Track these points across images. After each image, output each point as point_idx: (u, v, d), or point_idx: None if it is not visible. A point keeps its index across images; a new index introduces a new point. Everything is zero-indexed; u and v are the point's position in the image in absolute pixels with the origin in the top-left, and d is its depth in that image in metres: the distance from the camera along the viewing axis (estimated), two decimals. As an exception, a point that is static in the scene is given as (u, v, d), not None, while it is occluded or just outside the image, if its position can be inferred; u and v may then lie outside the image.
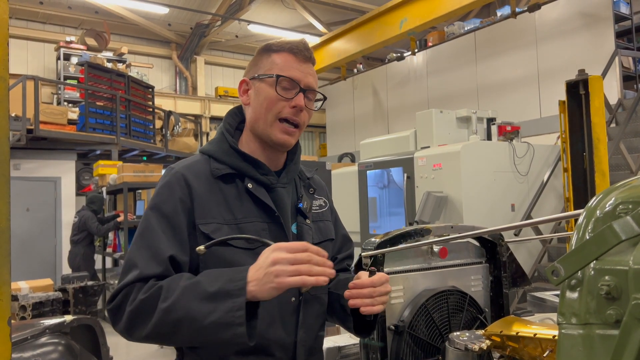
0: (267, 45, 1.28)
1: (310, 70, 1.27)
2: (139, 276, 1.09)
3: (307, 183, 1.38)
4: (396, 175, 6.28)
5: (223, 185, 1.21)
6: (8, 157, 0.80)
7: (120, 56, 11.61)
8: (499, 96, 8.93)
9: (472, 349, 1.25)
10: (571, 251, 0.72)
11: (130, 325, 1.08)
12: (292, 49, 1.24)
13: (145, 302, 1.06)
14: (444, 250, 1.62)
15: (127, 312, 1.07)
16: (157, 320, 1.04)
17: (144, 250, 1.13)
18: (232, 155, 1.24)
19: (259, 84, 1.25)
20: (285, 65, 1.23)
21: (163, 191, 1.18)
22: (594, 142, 4.41)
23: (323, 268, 1.04)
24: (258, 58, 1.28)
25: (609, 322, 0.67)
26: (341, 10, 12.55)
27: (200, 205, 1.17)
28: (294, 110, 1.22)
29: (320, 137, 14.99)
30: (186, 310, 1.02)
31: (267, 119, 1.23)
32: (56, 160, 9.30)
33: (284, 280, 1.00)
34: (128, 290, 1.09)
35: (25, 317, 4.11)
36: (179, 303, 1.03)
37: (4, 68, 0.78)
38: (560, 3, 8.04)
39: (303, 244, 1.05)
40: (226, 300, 1.01)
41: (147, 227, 1.15)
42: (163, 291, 1.05)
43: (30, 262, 8.38)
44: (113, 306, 1.11)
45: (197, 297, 1.03)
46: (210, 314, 1.01)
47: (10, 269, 0.79)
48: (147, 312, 1.05)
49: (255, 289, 1.02)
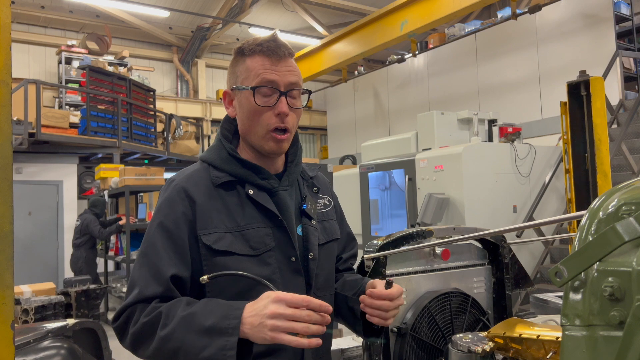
0: (240, 48, 1.23)
1: (288, 66, 1.21)
2: (139, 297, 1.12)
3: (311, 182, 1.36)
4: (398, 177, 6.27)
5: (224, 193, 1.20)
6: (11, 160, 0.80)
7: (122, 60, 11.63)
8: (500, 98, 8.93)
9: (475, 351, 1.24)
10: (574, 253, 0.72)
11: (135, 346, 1.13)
12: (263, 51, 1.19)
13: (145, 325, 1.09)
14: (446, 252, 1.62)
15: (131, 333, 1.11)
16: (156, 346, 1.08)
17: (145, 270, 1.14)
18: (231, 162, 1.22)
19: (240, 94, 1.22)
20: (259, 70, 1.18)
21: (164, 206, 1.18)
22: (595, 143, 4.40)
23: (316, 327, 1.01)
24: (234, 64, 1.25)
25: (613, 324, 0.66)
26: (342, 13, 12.57)
27: (202, 216, 1.16)
28: (279, 117, 1.19)
29: (322, 139, 14.99)
30: (182, 342, 1.05)
31: (256, 132, 1.21)
32: (58, 164, 9.31)
33: (277, 336, 0.99)
34: (130, 312, 1.13)
35: (27, 321, 4.11)
36: (176, 333, 1.05)
37: (6, 72, 0.79)
38: (561, 4, 8.04)
39: (305, 298, 1.01)
40: (220, 338, 1.02)
41: (149, 245, 1.16)
42: (162, 317, 1.08)
43: (32, 266, 8.39)
44: (118, 325, 1.15)
45: (192, 330, 1.04)
46: (204, 348, 1.02)
47: (13, 273, 0.79)
48: (148, 336, 1.09)
49: (249, 332, 1.02)
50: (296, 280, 1.20)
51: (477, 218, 5.22)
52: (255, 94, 1.18)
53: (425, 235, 1.56)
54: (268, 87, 1.18)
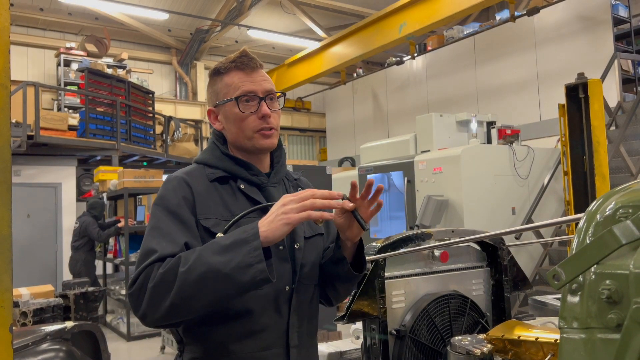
0: (215, 69, 1.37)
1: (261, 76, 1.36)
2: (159, 257, 1.16)
3: (295, 183, 1.49)
4: (396, 179, 6.28)
5: (219, 187, 1.32)
6: (9, 163, 0.80)
7: (121, 62, 11.63)
8: (499, 100, 8.95)
9: (474, 353, 1.25)
10: (572, 255, 0.73)
11: (152, 302, 1.13)
12: (237, 66, 1.34)
13: (165, 273, 1.12)
14: (445, 255, 1.62)
15: (149, 288, 1.13)
16: (179, 285, 1.10)
17: (159, 238, 1.20)
18: (224, 160, 1.35)
19: (224, 108, 1.35)
20: (237, 83, 1.33)
21: (167, 193, 1.28)
22: (594, 145, 4.41)
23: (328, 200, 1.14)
24: (212, 84, 1.38)
25: (610, 326, 0.67)
26: (341, 15, 12.58)
27: (201, 202, 1.28)
28: (264, 119, 1.32)
29: (321, 141, 14.99)
30: (207, 265, 1.10)
31: (245, 135, 1.33)
32: (57, 166, 9.30)
33: (292, 216, 1.11)
34: (148, 271, 1.15)
35: (26, 324, 4.10)
36: (199, 261, 1.11)
37: (5, 76, 0.79)
38: (559, 7, 8.06)
39: (309, 191, 1.15)
40: (243, 247, 1.11)
41: (159, 221, 1.24)
42: (182, 259, 1.13)
43: (31, 268, 8.37)
44: (134, 289, 1.15)
45: (215, 252, 1.12)
46: (230, 261, 1.10)
47: (12, 276, 0.79)
48: (169, 281, 1.11)
49: (267, 230, 1.12)
50: (283, 267, 1.29)
51: (476, 220, 5.23)
52: (239, 103, 1.32)
53: (424, 237, 1.56)
54: (249, 95, 1.32)
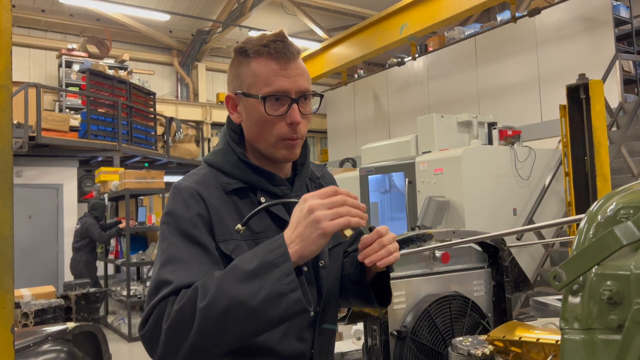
0: (242, 48, 1.13)
1: (297, 69, 1.12)
2: (173, 289, 0.97)
3: (318, 183, 1.31)
4: (398, 180, 6.28)
5: (237, 200, 1.13)
6: (11, 164, 0.80)
7: (122, 63, 11.66)
8: (500, 101, 8.94)
9: (475, 354, 1.24)
10: (573, 256, 0.73)
11: (169, 345, 0.94)
12: (270, 53, 1.10)
13: (181, 310, 0.93)
14: (446, 255, 1.62)
15: (164, 329, 0.94)
16: (200, 322, 0.91)
17: (173, 266, 1.01)
18: (241, 168, 1.15)
19: (247, 101, 1.14)
20: (268, 75, 1.10)
21: (178, 208, 1.08)
22: (595, 146, 4.41)
23: (358, 211, 0.96)
24: (236, 65, 1.15)
25: (612, 327, 0.67)
26: (342, 16, 12.59)
27: (218, 221, 1.08)
28: (292, 127, 1.12)
29: (322, 142, 15.00)
30: (230, 297, 0.91)
31: (267, 140, 1.13)
32: (58, 167, 9.31)
33: (328, 225, 0.92)
34: (161, 307, 0.96)
35: (27, 325, 4.11)
36: (220, 292, 0.91)
37: (7, 77, 0.79)
38: (560, 7, 8.06)
39: (332, 188, 0.97)
40: (271, 271, 0.91)
41: (171, 245, 1.04)
42: (199, 291, 0.93)
43: (32, 269, 8.38)
44: (147, 330, 0.96)
45: (238, 280, 0.92)
46: (258, 291, 0.90)
47: (13, 277, 0.79)
48: (187, 319, 0.92)
49: (299, 247, 0.93)
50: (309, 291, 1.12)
51: (477, 221, 5.22)
52: (266, 103, 1.09)
53: (425, 238, 1.56)
54: (279, 95, 1.10)
